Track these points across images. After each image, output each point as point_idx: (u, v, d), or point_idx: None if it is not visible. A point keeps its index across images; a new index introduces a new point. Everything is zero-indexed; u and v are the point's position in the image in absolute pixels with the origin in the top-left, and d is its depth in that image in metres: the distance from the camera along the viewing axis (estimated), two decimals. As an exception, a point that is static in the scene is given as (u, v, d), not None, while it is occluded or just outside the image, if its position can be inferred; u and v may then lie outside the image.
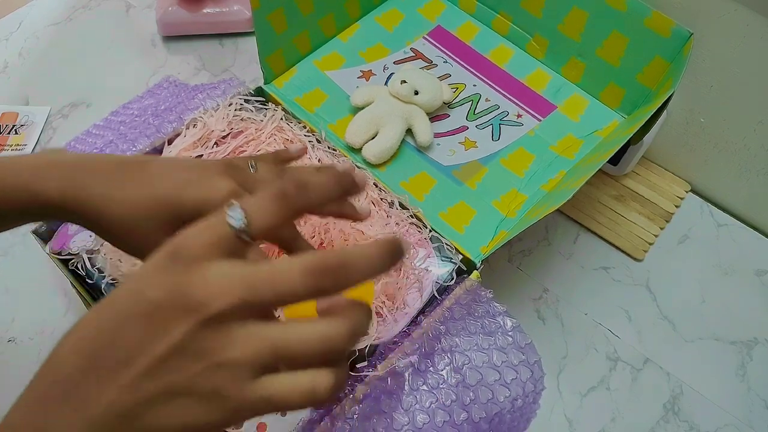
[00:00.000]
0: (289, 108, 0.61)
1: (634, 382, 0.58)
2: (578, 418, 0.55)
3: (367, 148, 0.58)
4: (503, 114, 0.63)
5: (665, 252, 0.65)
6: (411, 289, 0.50)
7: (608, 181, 0.69)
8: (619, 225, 0.66)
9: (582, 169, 0.56)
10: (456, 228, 0.55)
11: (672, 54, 0.58)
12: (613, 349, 0.59)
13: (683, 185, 0.69)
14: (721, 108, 0.63)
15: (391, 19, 0.70)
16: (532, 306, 0.61)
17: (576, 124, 0.63)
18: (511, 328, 0.48)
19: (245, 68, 0.77)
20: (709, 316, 0.62)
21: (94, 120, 0.66)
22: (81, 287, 0.48)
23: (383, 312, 0.48)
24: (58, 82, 0.75)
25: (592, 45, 0.63)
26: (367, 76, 0.65)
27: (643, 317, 0.61)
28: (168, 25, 0.77)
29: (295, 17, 0.61)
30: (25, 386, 0.25)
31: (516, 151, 0.61)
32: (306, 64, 0.65)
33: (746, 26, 0.57)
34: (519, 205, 0.57)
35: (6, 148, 0.68)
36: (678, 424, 0.55)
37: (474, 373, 0.46)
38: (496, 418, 0.45)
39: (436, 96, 0.60)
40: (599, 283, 0.63)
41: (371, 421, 0.43)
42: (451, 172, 0.59)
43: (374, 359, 0.46)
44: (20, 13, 0.82)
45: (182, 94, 0.64)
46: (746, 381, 0.58)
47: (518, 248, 0.65)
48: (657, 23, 0.57)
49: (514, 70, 0.67)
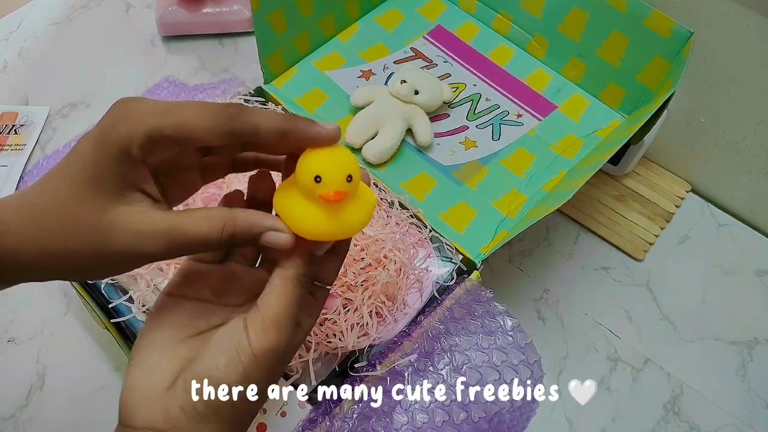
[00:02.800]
0: (289, 108, 0.60)
1: (635, 383, 0.57)
2: (578, 418, 0.55)
3: (367, 148, 0.58)
4: (503, 114, 0.63)
5: (666, 252, 0.65)
6: (411, 289, 0.50)
7: (609, 181, 0.69)
8: (619, 225, 0.66)
9: (582, 169, 0.55)
10: (456, 228, 0.55)
11: (672, 54, 0.58)
12: (614, 349, 0.59)
13: (684, 185, 0.69)
14: (721, 108, 0.63)
15: (390, 20, 0.70)
16: (532, 306, 0.61)
17: (576, 124, 0.63)
18: (511, 327, 0.48)
19: (245, 68, 0.77)
20: (710, 316, 0.61)
21: (93, 120, 0.66)
22: (81, 287, 0.48)
23: (383, 312, 0.48)
24: (58, 82, 0.75)
25: (592, 45, 0.63)
26: (367, 76, 0.65)
27: (644, 317, 0.61)
28: (168, 25, 0.77)
29: (295, 17, 0.61)
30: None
31: (516, 151, 0.61)
32: (306, 64, 0.65)
33: (746, 26, 0.57)
34: (519, 206, 0.57)
35: (6, 148, 0.68)
36: (678, 425, 0.55)
37: (474, 373, 0.46)
38: (496, 417, 0.45)
39: (436, 96, 0.60)
40: (599, 283, 0.63)
41: (370, 421, 0.43)
42: (451, 172, 0.59)
43: (374, 359, 0.46)
44: (20, 13, 0.82)
45: (182, 94, 0.64)
46: (746, 381, 0.58)
47: (518, 248, 0.65)
48: (657, 23, 0.57)
49: (515, 70, 0.67)
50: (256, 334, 0.28)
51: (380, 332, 0.47)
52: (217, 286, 0.32)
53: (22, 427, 0.52)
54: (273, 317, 0.28)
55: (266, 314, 0.28)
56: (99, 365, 0.56)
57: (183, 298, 0.32)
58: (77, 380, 0.55)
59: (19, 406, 0.53)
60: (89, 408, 0.53)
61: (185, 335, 0.30)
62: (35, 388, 0.54)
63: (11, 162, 0.67)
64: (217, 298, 0.32)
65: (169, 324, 0.30)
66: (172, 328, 0.30)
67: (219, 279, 0.32)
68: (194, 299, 0.32)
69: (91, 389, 0.54)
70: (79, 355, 0.56)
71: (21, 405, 0.53)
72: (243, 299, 0.33)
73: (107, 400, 0.54)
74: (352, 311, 0.47)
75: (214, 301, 0.32)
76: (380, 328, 0.47)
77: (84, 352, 0.56)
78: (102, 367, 0.55)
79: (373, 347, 0.47)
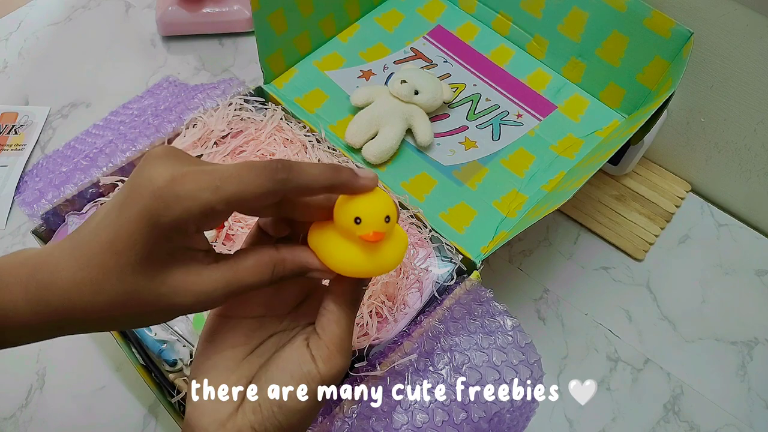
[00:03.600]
0: (289, 108, 0.61)
1: (635, 383, 0.57)
2: (578, 418, 0.55)
3: (367, 148, 0.58)
4: (503, 114, 0.63)
5: (666, 252, 0.65)
6: (411, 289, 0.50)
7: (609, 181, 0.69)
8: (619, 225, 0.66)
9: (582, 169, 0.55)
10: (456, 228, 0.55)
11: (672, 54, 0.58)
12: (614, 349, 0.59)
13: (684, 185, 0.69)
14: (721, 108, 0.63)
15: (391, 20, 0.70)
16: (532, 306, 0.61)
17: (576, 124, 0.63)
18: (511, 327, 0.48)
19: (245, 68, 0.77)
20: (710, 316, 0.61)
21: (93, 120, 0.66)
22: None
23: (383, 312, 0.48)
24: (58, 82, 0.75)
25: (592, 45, 0.63)
26: (367, 76, 0.65)
27: (644, 317, 0.61)
28: (168, 25, 0.77)
29: (295, 18, 0.61)
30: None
31: (516, 151, 0.61)
32: (306, 65, 0.65)
33: (746, 26, 0.57)
34: (519, 206, 0.57)
35: (6, 149, 0.68)
36: (678, 425, 0.55)
37: (474, 373, 0.46)
38: (496, 417, 0.45)
39: (436, 96, 0.60)
40: (599, 283, 0.63)
41: (370, 421, 0.43)
42: (452, 172, 0.59)
43: (374, 359, 0.46)
44: (20, 13, 0.82)
45: (182, 94, 0.64)
46: (747, 381, 0.58)
47: (519, 248, 0.65)
48: (657, 23, 0.57)
49: (515, 70, 0.67)
50: (324, 362, 0.30)
51: (380, 332, 0.47)
52: (268, 301, 0.33)
53: (22, 427, 0.52)
54: (337, 343, 0.31)
55: (330, 342, 0.31)
56: (99, 365, 0.56)
57: (236, 318, 0.33)
58: (77, 380, 0.55)
59: (19, 406, 0.53)
60: (89, 408, 0.53)
61: (244, 355, 0.32)
62: (35, 388, 0.54)
63: (11, 162, 0.67)
64: (269, 311, 0.33)
65: (229, 345, 0.32)
66: (232, 349, 0.32)
67: (270, 292, 0.33)
68: (248, 317, 0.33)
69: (91, 389, 0.54)
70: (79, 355, 0.56)
71: (21, 405, 0.53)
72: (289, 307, 0.34)
73: (107, 400, 0.54)
74: (352, 311, 0.47)
75: (265, 315, 0.33)
76: (380, 328, 0.47)
77: (84, 352, 0.56)
78: (102, 367, 0.55)
79: (373, 347, 0.47)
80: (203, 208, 0.26)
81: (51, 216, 0.53)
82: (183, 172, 0.26)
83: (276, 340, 0.33)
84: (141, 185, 0.26)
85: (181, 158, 0.28)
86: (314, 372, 0.30)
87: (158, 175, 0.26)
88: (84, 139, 0.64)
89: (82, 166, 0.57)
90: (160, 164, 0.26)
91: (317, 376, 0.30)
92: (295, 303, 0.34)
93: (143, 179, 0.26)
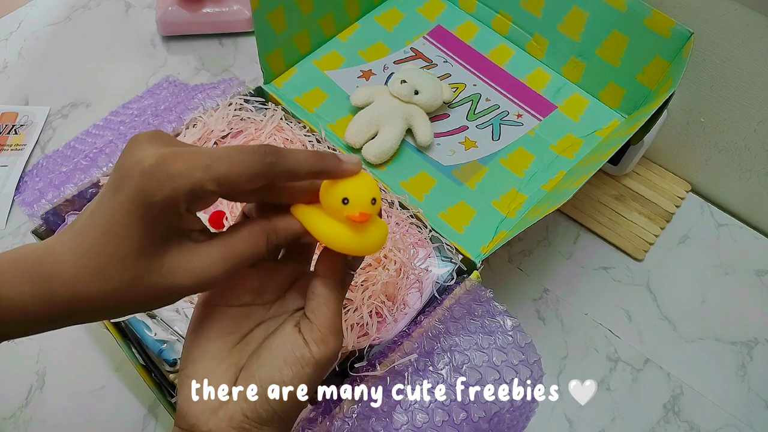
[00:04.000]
0: (289, 108, 0.60)
1: (635, 383, 0.57)
2: (578, 418, 0.55)
3: (367, 148, 0.58)
4: (503, 114, 0.63)
5: (665, 252, 0.65)
6: (411, 289, 0.50)
7: (608, 181, 0.69)
8: (619, 225, 0.66)
9: (582, 169, 0.55)
10: (456, 228, 0.55)
11: (672, 54, 0.58)
12: (614, 349, 0.59)
13: (683, 185, 0.69)
14: (721, 108, 0.63)
15: (391, 19, 0.70)
16: (532, 306, 0.61)
17: (576, 124, 0.63)
18: (511, 327, 0.48)
19: (245, 68, 0.77)
20: (710, 316, 0.61)
21: (93, 120, 0.66)
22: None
23: (383, 312, 0.48)
24: (58, 82, 0.75)
25: (592, 45, 0.63)
26: (367, 76, 0.65)
27: (644, 317, 0.61)
28: (168, 25, 0.77)
29: (295, 17, 0.61)
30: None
31: (516, 150, 0.61)
32: (306, 64, 0.65)
33: (746, 26, 0.57)
34: (519, 205, 0.57)
35: (6, 149, 0.68)
36: (678, 425, 0.55)
37: (474, 373, 0.46)
38: (496, 417, 0.45)
39: (436, 96, 0.60)
40: (599, 283, 0.63)
41: (370, 421, 0.43)
42: (451, 172, 0.59)
43: (374, 359, 0.46)
44: (20, 13, 0.82)
45: (182, 93, 0.64)
46: (746, 381, 0.58)
47: (518, 248, 0.65)
48: (657, 23, 0.57)
49: (514, 70, 0.67)
50: (317, 345, 0.30)
51: (380, 332, 0.47)
52: (257, 288, 0.34)
53: (22, 427, 0.52)
54: (329, 325, 0.31)
55: (321, 324, 0.31)
56: (99, 365, 0.56)
57: (223, 306, 0.33)
58: (77, 380, 0.55)
59: (19, 406, 0.53)
60: (89, 408, 0.53)
61: (233, 343, 0.32)
62: (35, 388, 0.54)
63: (11, 162, 0.67)
64: (257, 299, 0.33)
65: (217, 334, 0.32)
66: (221, 338, 0.32)
67: (257, 280, 0.34)
68: (236, 305, 0.33)
69: (91, 389, 0.54)
70: (79, 355, 0.56)
71: (21, 405, 0.53)
72: (277, 294, 0.34)
73: (107, 400, 0.54)
74: (352, 311, 0.47)
75: (253, 303, 0.33)
76: (380, 328, 0.47)
77: (84, 352, 0.56)
78: (102, 367, 0.55)
79: (373, 347, 0.47)
80: (194, 186, 0.26)
81: (51, 216, 0.53)
82: (172, 151, 0.27)
83: (264, 328, 0.33)
84: (130, 167, 0.26)
85: (167, 140, 0.28)
86: (308, 355, 0.30)
87: (147, 155, 0.26)
88: (84, 139, 0.64)
89: (82, 166, 0.57)
90: (147, 145, 0.27)
91: (311, 359, 0.30)
92: (282, 290, 0.34)
93: (132, 161, 0.26)
